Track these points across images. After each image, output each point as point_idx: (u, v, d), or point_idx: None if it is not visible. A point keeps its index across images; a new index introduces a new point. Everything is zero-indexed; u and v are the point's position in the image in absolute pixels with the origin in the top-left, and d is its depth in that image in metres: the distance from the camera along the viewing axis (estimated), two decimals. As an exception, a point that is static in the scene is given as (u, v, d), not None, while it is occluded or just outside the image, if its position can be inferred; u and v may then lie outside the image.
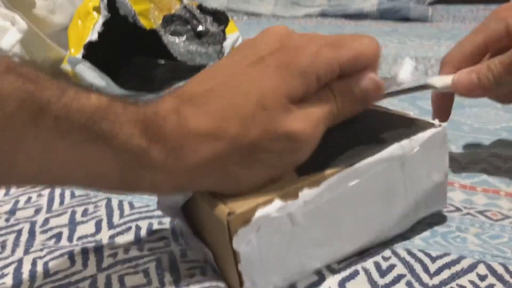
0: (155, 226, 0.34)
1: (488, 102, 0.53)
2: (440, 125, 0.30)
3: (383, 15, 0.97)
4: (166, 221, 0.35)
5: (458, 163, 0.41)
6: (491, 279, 0.27)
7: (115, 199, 0.37)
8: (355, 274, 0.28)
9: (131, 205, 0.37)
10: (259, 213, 0.25)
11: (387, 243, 0.30)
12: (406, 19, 0.95)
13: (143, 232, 0.34)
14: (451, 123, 0.49)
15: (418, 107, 0.54)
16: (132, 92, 0.62)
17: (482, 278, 0.28)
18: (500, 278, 0.28)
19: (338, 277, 0.28)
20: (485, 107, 0.52)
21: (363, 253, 0.30)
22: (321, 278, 0.28)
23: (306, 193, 0.26)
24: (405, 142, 0.28)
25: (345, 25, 0.96)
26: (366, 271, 0.28)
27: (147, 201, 0.37)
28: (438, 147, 0.30)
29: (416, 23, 0.94)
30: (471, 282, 0.27)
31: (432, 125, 0.30)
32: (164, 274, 0.29)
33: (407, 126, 0.30)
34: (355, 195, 0.28)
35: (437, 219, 0.33)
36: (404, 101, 0.55)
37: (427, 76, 0.64)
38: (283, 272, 0.27)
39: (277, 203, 0.25)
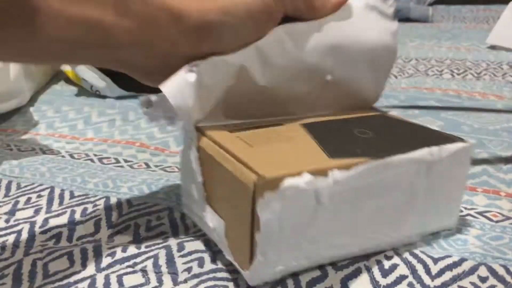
0: (154, 223, 0.34)
1: (488, 103, 0.54)
2: (468, 142, 0.30)
3: (384, 15, 0.97)
4: (164, 216, 0.35)
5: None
6: (492, 281, 0.27)
7: (113, 198, 0.37)
8: (357, 272, 0.28)
9: (130, 203, 0.37)
10: (288, 181, 0.24)
11: (388, 244, 0.30)
12: (406, 19, 0.96)
13: (141, 230, 0.34)
14: (451, 123, 0.49)
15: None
16: (132, 93, 0.62)
17: (484, 280, 0.28)
18: (501, 280, 0.28)
19: (340, 274, 0.28)
20: (486, 107, 0.52)
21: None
22: (324, 274, 0.28)
23: (336, 174, 0.26)
24: (435, 149, 0.28)
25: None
26: (369, 270, 0.28)
27: (145, 199, 0.37)
28: (462, 163, 0.30)
29: (417, 23, 0.94)
30: (473, 284, 0.27)
31: (461, 140, 0.30)
32: (161, 271, 0.29)
33: (438, 137, 0.30)
34: (380, 189, 0.27)
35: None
36: (404, 102, 0.55)
37: (427, 76, 0.64)
38: (296, 253, 0.27)
39: (307, 176, 0.25)
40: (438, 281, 0.27)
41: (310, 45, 0.32)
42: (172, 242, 0.32)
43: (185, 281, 0.28)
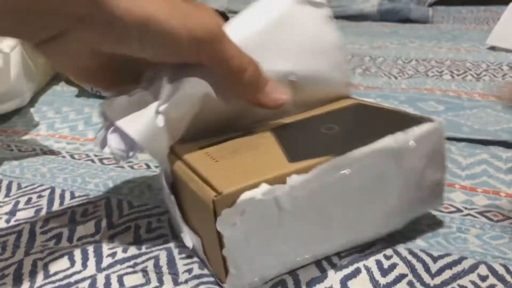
0: (154, 225, 0.34)
1: (488, 104, 0.54)
2: (437, 121, 0.30)
3: (384, 16, 0.97)
4: (165, 219, 0.35)
5: (459, 164, 0.41)
6: (492, 280, 0.27)
7: (114, 199, 0.37)
8: (357, 272, 0.28)
9: (130, 204, 0.37)
10: (245, 195, 0.24)
11: (388, 242, 0.30)
12: (406, 20, 0.95)
13: (142, 231, 0.34)
14: (451, 124, 0.49)
15: (419, 108, 0.53)
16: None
17: (483, 278, 0.28)
18: (501, 279, 0.28)
19: (340, 274, 0.28)
20: (486, 108, 0.52)
21: (364, 251, 0.30)
22: (323, 274, 0.28)
23: (294, 179, 0.25)
24: (399, 135, 0.28)
25: (346, 26, 0.96)
26: (368, 269, 0.28)
27: (146, 200, 0.37)
28: (435, 143, 0.30)
29: (417, 24, 0.94)
30: (472, 282, 0.27)
31: (429, 121, 0.29)
32: (162, 272, 0.29)
33: (404, 121, 0.30)
34: (345, 185, 0.27)
35: (438, 219, 0.33)
36: (404, 103, 0.55)
37: (428, 77, 0.64)
38: (269, 261, 0.27)
39: (264, 186, 0.25)
40: (438, 280, 0.27)
41: (263, 53, 0.32)
42: (173, 244, 0.32)
43: (186, 281, 0.28)
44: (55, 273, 0.30)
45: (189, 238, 0.30)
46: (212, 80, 0.30)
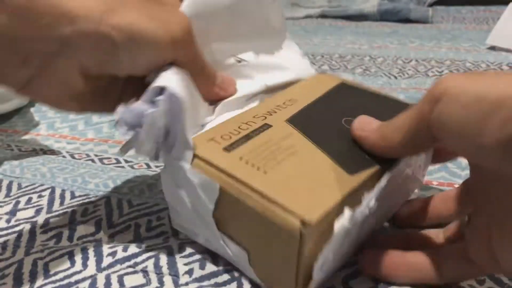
0: (154, 223, 0.34)
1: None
2: None
3: (384, 16, 0.97)
4: (165, 216, 0.35)
5: (458, 164, 0.41)
6: (489, 283, 0.28)
7: (114, 198, 0.38)
8: (358, 272, 0.29)
9: (130, 203, 0.37)
10: (337, 227, 0.23)
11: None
12: (406, 20, 0.96)
13: (142, 230, 0.34)
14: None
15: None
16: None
17: (481, 282, 0.28)
18: (498, 282, 0.28)
19: (342, 273, 0.29)
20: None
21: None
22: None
23: (370, 201, 0.25)
24: None
25: (346, 26, 0.96)
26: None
27: (146, 199, 0.37)
28: None
29: (417, 24, 0.94)
30: (470, 285, 0.27)
31: None
32: (162, 272, 0.29)
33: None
34: (392, 190, 0.28)
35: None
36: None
37: (427, 77, 0.64)
38: (329, 272, 0.27)
39: (348, 212, 0.24)
40: (437, 282, 0.28)
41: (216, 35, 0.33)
42: (173, 243, 0.32)
43: (186, 284, 0.29)
44: (56, 273, 0.30)
45: (227, 247, 0.28)
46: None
